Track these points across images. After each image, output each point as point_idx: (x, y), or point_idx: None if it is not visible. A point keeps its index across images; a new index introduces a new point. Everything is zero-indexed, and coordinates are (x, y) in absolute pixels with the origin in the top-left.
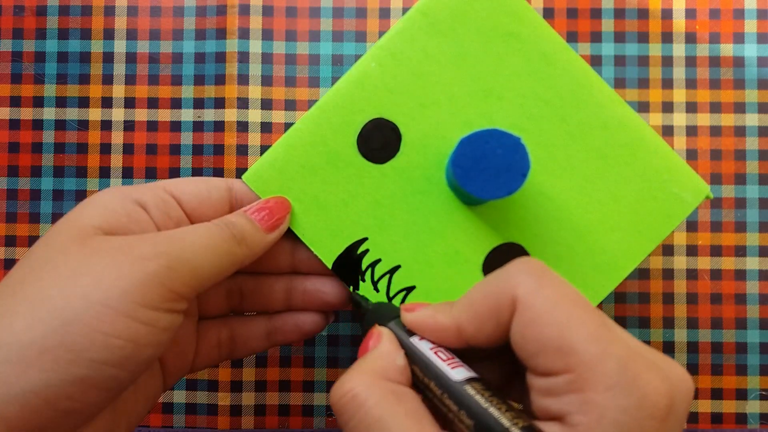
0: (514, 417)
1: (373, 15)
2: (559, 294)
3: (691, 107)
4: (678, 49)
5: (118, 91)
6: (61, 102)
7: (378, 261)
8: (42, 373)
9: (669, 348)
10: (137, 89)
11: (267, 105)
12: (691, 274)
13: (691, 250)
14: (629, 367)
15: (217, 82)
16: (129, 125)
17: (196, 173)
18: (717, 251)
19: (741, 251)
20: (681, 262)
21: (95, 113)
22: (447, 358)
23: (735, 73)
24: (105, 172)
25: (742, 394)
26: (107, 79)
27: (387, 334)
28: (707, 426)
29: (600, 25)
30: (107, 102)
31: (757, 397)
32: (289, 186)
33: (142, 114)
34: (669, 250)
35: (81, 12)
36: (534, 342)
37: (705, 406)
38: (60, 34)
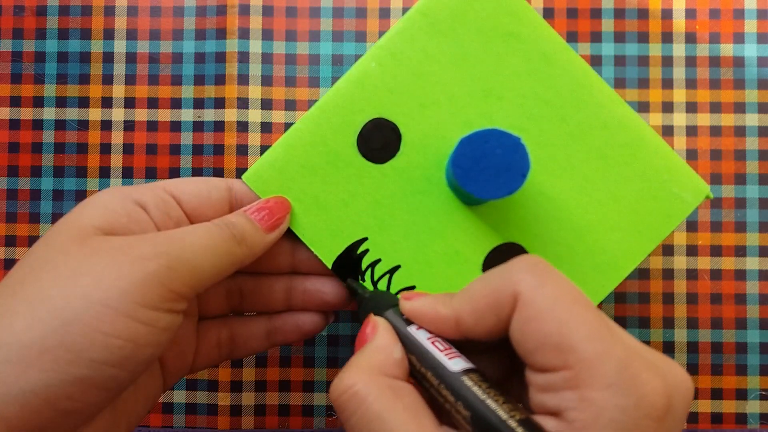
0: (511, 409)
1: (373, 15)
2: (560, 291)
3: (691, 107)
4: (678, 49)
5: (118, 91)
6: (61, 102)
7: (378, 261)
8: (42, 373)
9: (669, 348)
10: (137, 89)
11: (267, 105)
12: (691, 274)
13: (691, 250)
14: (628, 367)
15: (217, 82)
16: (129, 125)
17: (196, 173)
18: (717, 251)
19: (741, 251)
20: (681, 262)
21: (95, 113)
22: (444, 348)
23: (735, 73)
24: (105, 172)
25: (742, 394)
26: (107, 79)
27: (383, 324)
28: (707, 426)
29: (600, 25)
30: (107, 102)
31: (757, 397)
32: (289, 186)
33: (142, 114)
34: (669, 250)
35: (81, 12)
36: (533, 338)
37: (705, 406)
38: (60, 34)
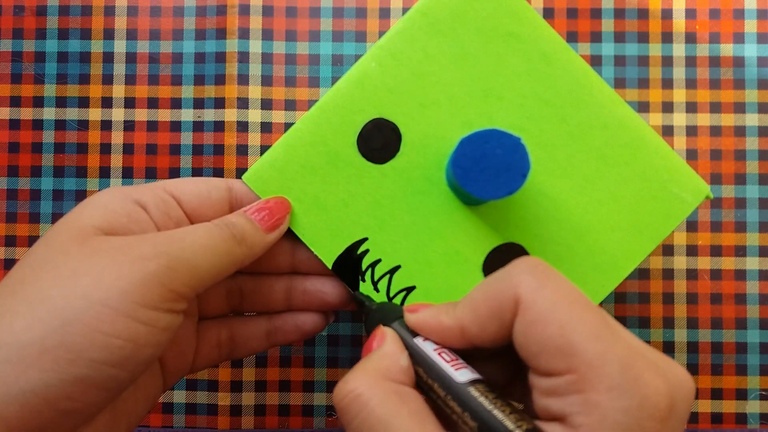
0: (518, 419)
1: (373, 15)
2: (561, 293)
3: (691, 107)
4: (678, 49)
5: (118, 91)
6: (61, 102)
7: (378, 261)
8: (42, 373)
9: (669, 348)
10: (137, 89)
11: (267, 105)
12: (691, 274)
13: (691, 250)
14: (631, 368)
15: (217, 82)
16: (129, 125)
17: (196, 173)
18: (717, 251)
19: (741, 251)
20: (681, 262)
21: (95, 113)
22: (451, 359)
23: (735, 73)
24: (105, 172)
25: (742, 394)
26: (107, 79)
27: (391, 334)
28: (707, 426)
29: (600, 25)
30: (107, 102)
31: (757, 397)
32: (289, 186)
33: (142, 114)
34: (669, 250)
35: (81, 12)
36: (536, 342)
37: (705, 406)
38: (60, 34)
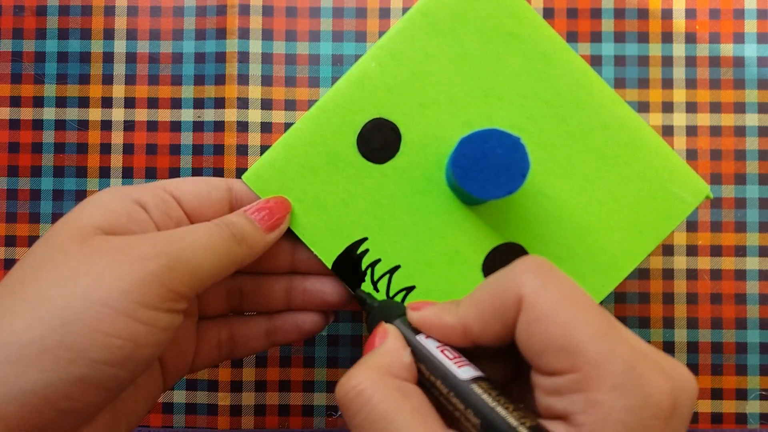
0: (521, 416)
1: (373, 15)
2: (564, 292)
3: (691, 107)
4: (678, 49)
5: (118, 91)
6: (61, 102)
7: (378, 261)
8: (42, 373)
9: (669, 348)
10: (137, 89)
11: (267, 105)
12: (691, 274)
13: (691, 250)
14: (634, 367)
15: (217, 82)
16: (129, 125)
17: (196, 173)
18: (717, 251)
19: (741, 251)
20: (681, 262)
21: (95, 113)
22: (453, 356)
23: (735, 73)
24: (105, 172)
25: (742, 394)
26: (107, 79)
27: (393, 331)
28: (707, 426)
29: (600, 25)
30: (107, 102)
31: (757, 397)
32: (289, 186)
33: (142, 114)
34: (669, 250)
35: (81, 12)
36: (539, 341)
37: (705, 406)
38: (60, 34)
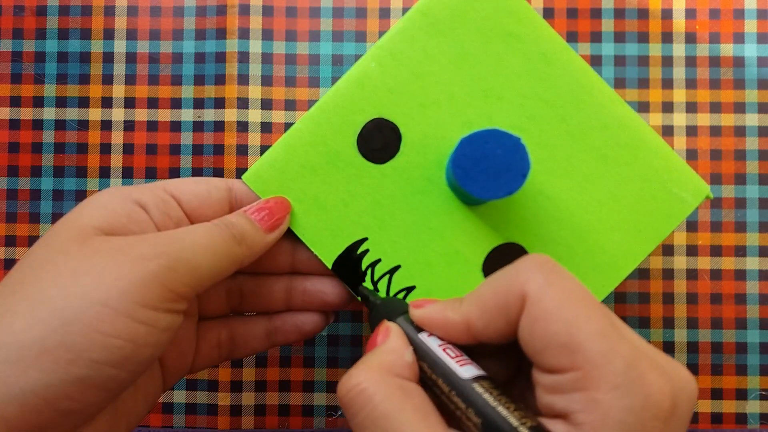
0: (522, 416)
1: (373, 15)
2: (568, 291)
3: (691, 107)
4: (678, 49)
5: (118, 91)
6: (61, 102)
7: (378, 261)
8: (42, 373)
9: (669, 348)
10: (137, 89)
11: (267, 105)
12: (691, 274)
13: (691, 250)
14: (635, 367)
15: (217, 82)
16: (129, 125)
17: (196, 173)
18: (717, 251)
19: (741, 251)
20: (681, 262)
21: (95, 113)
22: (456, 355)
23: (735, 73)
24: (105, 172)
25: (742, 394)
26: (107, 79)
27: (395, 329)
28: (707, 426)
29: (600, 25)
30: (107, 102)
31: (757, 397)
32: (289, 186)
33: (142, 114)
34: (669, 250)
35: (81, 12)
36: (541, 338)
37: (705, 406)
38: (60, 34)
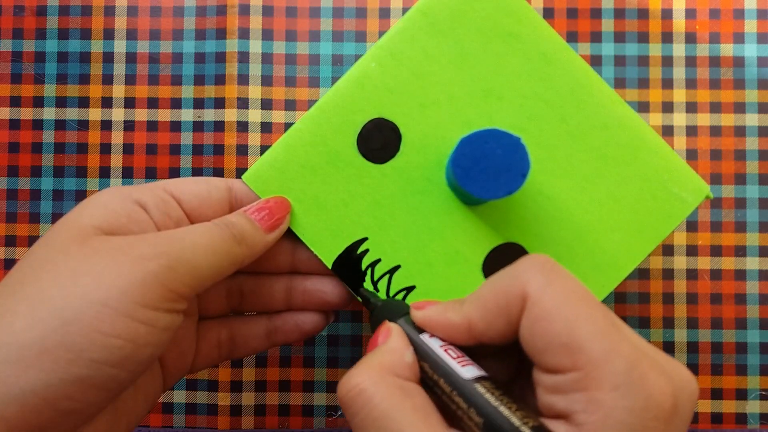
0: (524, 416)
1: (373, 15)
2: (569, 291)
3: (691, 107)
4: (678, 49)
5: (118, 91)
6: (61, 102)
7: (378, 261)
8: (42, 373)
9: (669, 348)
10: (137, 89)
11: (267, 105)
12: (691, 274)
13: (691, 250)
14: (636, 367)
15: (217, 82)
16: (129, 125)
17: (196, 173)
18: (717, 251)
19: (741, 251)
20: (681, 262)
21: (95, 113)
22: (457, 356)
23: (735, 73)
24: (105, 172)
25: (742, 394)
26: (107, 79)
27: (396, 330)
28: (707, 426)
29: (600, 25)
30: (107, 102)
31: (757, 397)
32: (289, 186)
33: (142, 114)
34: (669, 250)
35: (81, 12)
36: (542, 338)
37: (705, 406)
38: (60, 34)
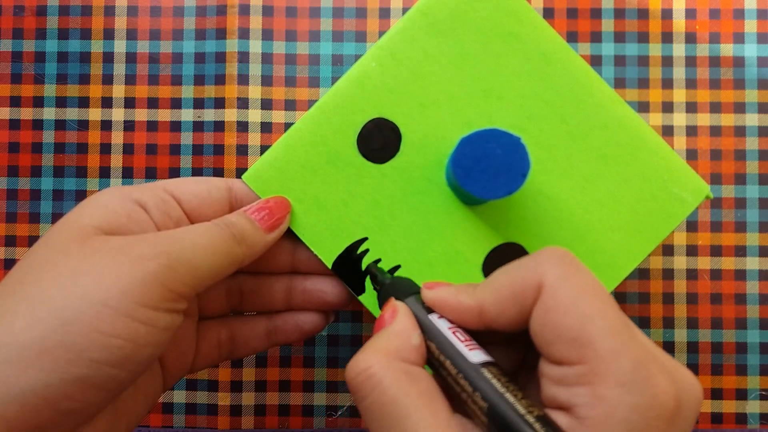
0: (529, 405)
1: (373, 15)
2: (584, 285)
3: (691, 107)
4: (678, 49)
5: (118, 91)
6: (61, 102)
7: (378, 261)
8: (42, 373)
9: (669, 348)
10: (137, 89)
11: (267, 105)
12: (691, 274)
13: (691, 250)
14: (643, 367)
15: (217, 82)
16: (129, 125)
17: (196, 173)
18: (717, 251)
19: (741, 251)
20: (681, 262)
21: (95, 113)
22: (465, 339)
23: (735, 73)
24: (105, 172)
25: (742, 394)
26: (107, 79)
27: (403, 309)
28: (707, 426)
29: (600, 25)
30: (107, 102)
31: (757, 397)
32: (289, 186)
33: (142, 114)
34: (669, 250)
35: (81, 12)
36: (553, 330)
37: (705, 406)
38: (60, 34)
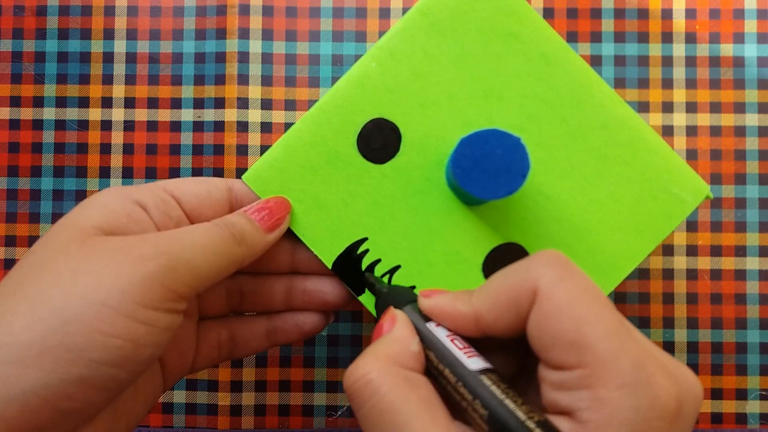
0: (529, 410)
1: (373, 15)
2: (580, 288)
3: (691, 107)
4: (678, 49)
5: (118, 91)
6: (61, 102)
7: (378, 261)
8: (42, 373)
9: (669, 348)
10: (137, 89)
11: (267, 105)
12: (691, 274)
13: (691, 250)
14: (643, 368)
15: (217, 82)
16: (129, 125)
17: (196, 173)
18: (717, 251)
19: (741, 251)
20: (681, 262)
21: (95, 113)
22: (463, 346)
23: (735, 73)
24: (105, 172)
25: (742, 394)
26: (107, 79)
27: (402, 317)
28: (707, 426)
29: (600, 25)
30: (107, 102)
31: (757, 397)
32: (289, 186)
33: (142, 114)
34: (669, 250)
35: (81, 12)
36: (550, 334)
37: (705, 406)
38: (60, 34)
